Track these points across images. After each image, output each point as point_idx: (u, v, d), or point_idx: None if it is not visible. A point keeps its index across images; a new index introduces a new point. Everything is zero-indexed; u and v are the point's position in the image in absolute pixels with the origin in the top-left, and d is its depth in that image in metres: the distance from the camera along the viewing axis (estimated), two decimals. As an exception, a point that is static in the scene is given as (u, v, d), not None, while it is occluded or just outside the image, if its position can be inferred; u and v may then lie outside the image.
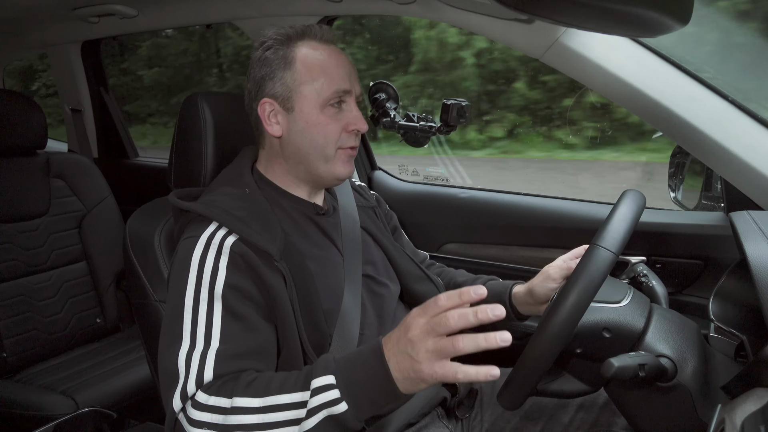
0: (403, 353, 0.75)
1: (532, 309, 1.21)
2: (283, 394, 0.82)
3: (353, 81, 1.08)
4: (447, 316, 0.72)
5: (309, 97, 1.04)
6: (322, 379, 0.80)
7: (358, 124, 1.07)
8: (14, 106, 1.88)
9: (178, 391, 0.86)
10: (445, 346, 0.72)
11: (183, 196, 1.07)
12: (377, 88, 1.70)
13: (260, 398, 0.82)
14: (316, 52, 1.05)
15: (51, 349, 1.91)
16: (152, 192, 1.35)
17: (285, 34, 1.06)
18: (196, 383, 0.85)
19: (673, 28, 0.90)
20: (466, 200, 1.74)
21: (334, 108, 1.05)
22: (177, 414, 0.86)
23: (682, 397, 0.84)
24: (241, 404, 0.82)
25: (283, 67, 1.04)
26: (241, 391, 0.84)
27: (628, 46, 1.19)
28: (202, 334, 0.90)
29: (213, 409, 0.83)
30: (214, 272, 0.93)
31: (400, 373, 0.76)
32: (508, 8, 0.82)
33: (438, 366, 0.73)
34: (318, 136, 1.05)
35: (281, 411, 0.81)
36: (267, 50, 1.05)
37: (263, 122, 1.07)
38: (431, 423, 1.14)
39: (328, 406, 0.78)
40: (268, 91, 1.06)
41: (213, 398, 0.84)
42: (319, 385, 0.80)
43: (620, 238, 0.83)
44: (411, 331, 0.75)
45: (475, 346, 0.71)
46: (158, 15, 1.90)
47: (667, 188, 1.47)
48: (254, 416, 0.81)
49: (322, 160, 1.06)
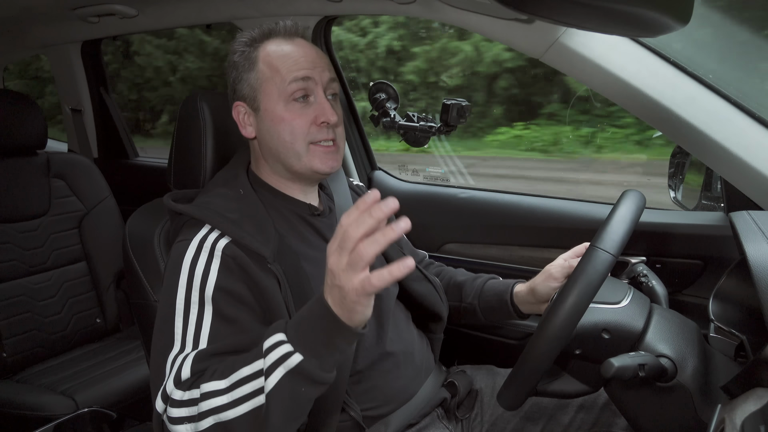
0: (332, 286, 0.75)
1: (534, 308, 1.21)
2: (244, 367, 0.81)
3: (319, 69, 1.04)
4: (347, 232, 0.72)
5: (271, 93, 1.03)
6: (271, 338, 0.80)
7: (327, 116, 1.03)
8: (14, 106, 1.88)
9: (160, 393, 0.86)
10: (354, 258, 0.71)
11: (178, 198, 1.07)
12: (377, 88, 1.70)
13: (226, 378, 0.82)
14: (278, 48, 1.04)
15: (51, 349, 1.91)
16: (152, 192, 1.35)
17: (250, 36, 1.06)
18: (174, 383, 0.85)
19: (673, 28, 0.89)
20: (466, 200, 1.74)
21: (300, 102, 1.03)
22: (162, 415, 0.86)
23: (682, 397, 0.84)
24: (209, 389, 0.82)
25: (248, 68, 1.04)
26: (208, 377, 0.83)
27: (628, 46, 1.19)
28: (191, 337, 0.90)
29: (187, 403, 0.83)
30: (205, 275, 0.93)
31: (337, 306, 0.75)
32: (508, 8, 0.82)
33: (355, 278, 0.72)
34: (284, 132, 1.03)
35: (245, 383, 0.81)
36: (234, 54, 1.06)
37: (239, 125, 1.08)
38: (431, 423, 1.14)
39: (282, 361, 0.77)
40: (238, 94, 1.07)
41: (187, 392, 0.84)
42: (270, 344, 0.79)
43: (619, 240, 0.84)
44: (329, 261, 0.74)
45: (377, 245, 0.70)
46: (158, 15, 1.90)
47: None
48: (223, 397, 0.81)
49: (294, 157, 1.05)
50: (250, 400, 0.80)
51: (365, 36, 4.60)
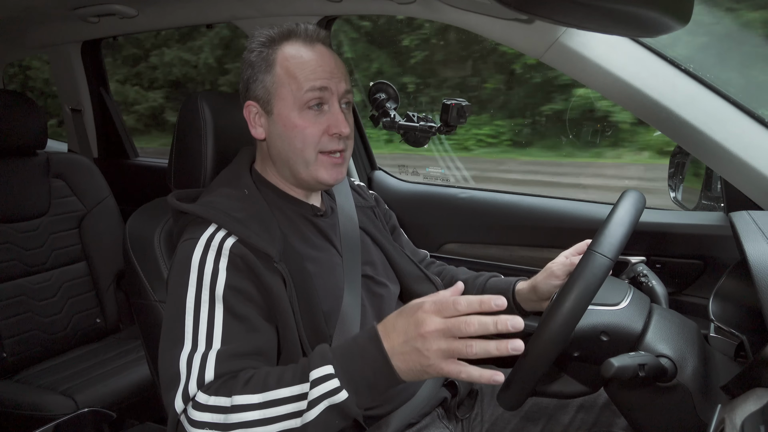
0: (412, 347, 0.76)
1: (536, 305, 1.21)
2: (282, 388, 0.82)
3: (336, 79, 1.04)
4: (467, 323, 0.73)
5: (286, 99, 1.02)
6: (320, 369, 0.80)
7: (339, 127, 1.02)
8: (14, 106, 1.87)
9: (180, 393, 0.86)
10: (458, 349, 0.74)
11: (182, 198, 1.07)
12: (377, 88, 1.70)
13: (260, 394, 0.82)
14: (297, 53, 1.03)
15: (51, 349, 1.91)
16: (152, 192, 1.35)
17: (269, 35, 1.05)
18: (197, 384, 0.85)
19: (673, 28, 0.89)
20: (466, 200, 1.74)
21: (314, 110, 1.02)
22: (179, 415, 0.86)
23: (682, 397, 0.84)
24: (241, 402, 0.82)
25: (264, 69, 1.03)
26: (240, 388, 0.84)
27: (628, 46, 1.19)
28: (204, 335, 0.90)
29: (213, 409, 0.83)
30: (214, 274, 0.93)
31: (405, 365, 0.77)
32: (508, 8, 0.82)
33: (446, 365, 0.75)
34: (296, 139, 1.03)
35: (282, 405, 0.81)
36: (251, 53, 1.05)
37: (249, 124, 1.07)
38: (431, 423, 1.14)
39: (329, 396, 0.79)
40: (251, 93, 1.06)
41: (213, 398, 0.84)
42: (319, 375, 0.80)
43: (617, 243, 0.83)
44: (424, 327, 0.75)
45: (486, 353, 0.73)
46: (158, 15, 1.90)
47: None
48: (255, 412, 0.81)
49: (302, 165, 1.04)
50: (285, 422, 0.81)
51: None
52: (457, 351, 0.74)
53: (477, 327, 0.73)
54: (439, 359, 0.75)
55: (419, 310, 0.78)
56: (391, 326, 0.80)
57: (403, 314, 0.80)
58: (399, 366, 0.78)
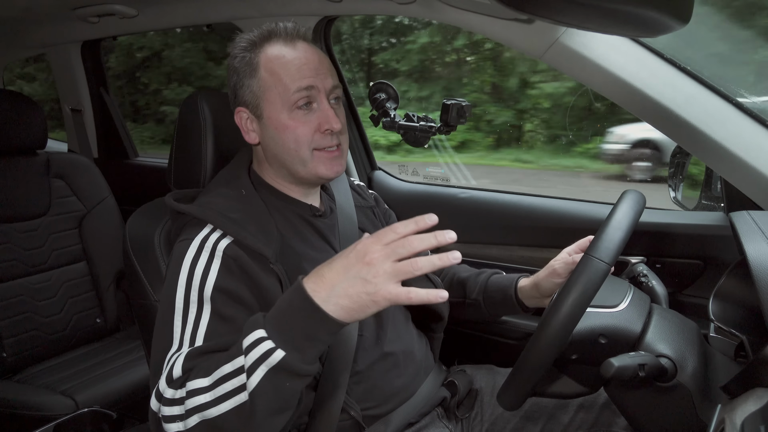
0: (355, 278, 0.74)
1: (538, 302, 1.22)
2: (225, 365, 0.81)
3: (322, 76, 1.03)
4: (410, 240, 0.74)
5: (275, 102, 1.02)
6: (251, 335, 0.78)
7: (330, 123, 1.02)
8: (14, 106, 1.88)
9: (154, 392, 0.86)
10: (404, 268, 0.73)
11: (179, 198, 1.07)
12: (377, 88, 1.70)
13: (209, 376, 0.81)
14: (279, 54, 1.03)
15: (51, 349, 1.91)
16: (152, 192, 1.35)
17: (250, 39, 1.04)
18: (166, 381, 0.85)
19: (673, 28, 0.89)
20: (466, 200, 1.74)
21: (303, 110, 1.02)
22: (157, 414, 0.86)
23: (682, 397, 0.84)
24: (193, 387, 0.81)
25: (249, 74, 1.03)
26: (194, 375, 0.83)
27: (628, 46, 1.19)
28: (188, 336, 0.89)
29: (176, 402, 0.83)
30: (204, 275, 0.93)
31: (349, 301, 0.75)
32: (508, 8, 0.82)
33: (393, 287, 0.74)
34: (288, 140, 1.02)
35: (227, 381, 0.80)
36: (234, 58, 1.05)
37: (241, 130, 1.07)
38: (431, 423, 1.14)
39: (265, 359, 0.76)
40: (240, 99, 1.06)
41: (177, 391, 0.84)
42: (251, 341, 0.78)
43: (614, 248, 0.83)
44: (369, 255, 0.75)
45: (432, 266, 0.74)
46: (158, 15, 1.90)
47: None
48: (206, 395, 0.80)
49: (299, 164, 1.04)
50: (233, 398, 0.79)
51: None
52: (403, 270, 0.73)
53: (419, 242, 0.74)
54: (387, 283, 0.73)
55: (358, 244, 0.77)
56: (326, 269, 0.78)
57: (338, 256, 0.78)
58: (342, 305, 0.75)
